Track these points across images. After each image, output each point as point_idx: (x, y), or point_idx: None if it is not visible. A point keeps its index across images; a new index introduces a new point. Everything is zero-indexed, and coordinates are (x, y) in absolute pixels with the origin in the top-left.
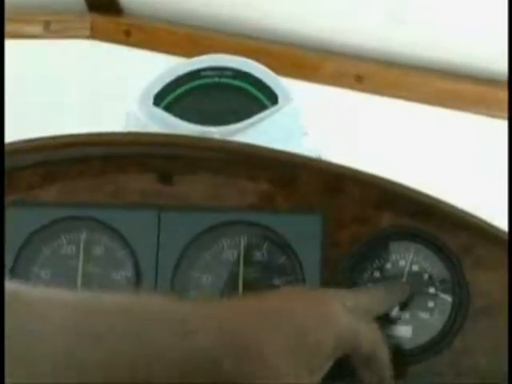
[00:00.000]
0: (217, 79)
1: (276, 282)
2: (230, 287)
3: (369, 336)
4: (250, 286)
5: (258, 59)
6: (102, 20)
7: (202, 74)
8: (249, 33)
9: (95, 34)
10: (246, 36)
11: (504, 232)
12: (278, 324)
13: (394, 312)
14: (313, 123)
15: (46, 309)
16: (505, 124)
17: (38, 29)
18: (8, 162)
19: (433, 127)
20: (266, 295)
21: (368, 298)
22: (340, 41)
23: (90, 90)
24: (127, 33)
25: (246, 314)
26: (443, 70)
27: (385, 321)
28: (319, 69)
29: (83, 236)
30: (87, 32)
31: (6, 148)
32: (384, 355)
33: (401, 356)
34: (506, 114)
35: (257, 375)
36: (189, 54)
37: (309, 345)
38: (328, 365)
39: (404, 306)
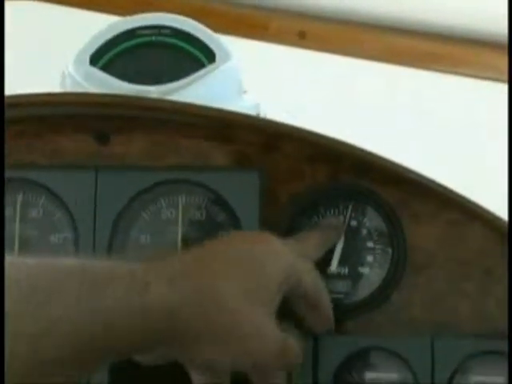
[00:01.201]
0: (154, 38)
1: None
2: (168, 246)
3: (312, 279)
4: (188, 245)
5: (200, 19)
6: None
7: (139, 32)
8: None
9: None
10: None
11: (442, 186)
12: (229, 264)
13: (333, 267)
14: (254, 81)
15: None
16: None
17: None
18: None
19: (376, 83)
20: (210, 242)
21: (305, 244)
22: None
23: (26, 49)
24: None
25: (197, 262)
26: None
27: (324, 276)
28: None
29: (19, 198)
30: None
31: None
32: (327, 297)
33: (340, 311)
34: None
35: (215, 320)
36: (128, 13)
37: (261, 279)
38: (278, 299)
39: (343, 261)
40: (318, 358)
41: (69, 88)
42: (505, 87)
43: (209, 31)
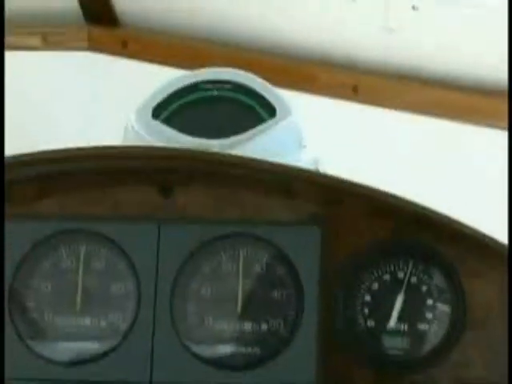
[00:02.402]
0: (215, 92)
1: (275, 294)
2: (228, 299)
3: None
4: (248, 298)
5: (254, 71)
6: (99, 31)
7: (201, 86)
8: (245, 44)
9: (93, 46)
10: (241, 47)
11: (497, 242)
12: None
13: (393, 323)
14: (311, 135)
15: None
16: (502, 133)
17: (36, 41)
18: (6, 176)
19: (429, 137)
20: None
21: None
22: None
23: (88, 101)
24: (124, 44)
25: None
26: (438, 80)
27: (384, 332)
28: (316, 80)
29: (83, 249)
30: (85, 44)
31: (5, 161)
32: None
33: (399, 368)
34: (501, 124)
35: None
36: (185, 64)
37: None
38: None
39: (402, 317)
40: None
41: (131, 141)
42: None
43: (268, 85)
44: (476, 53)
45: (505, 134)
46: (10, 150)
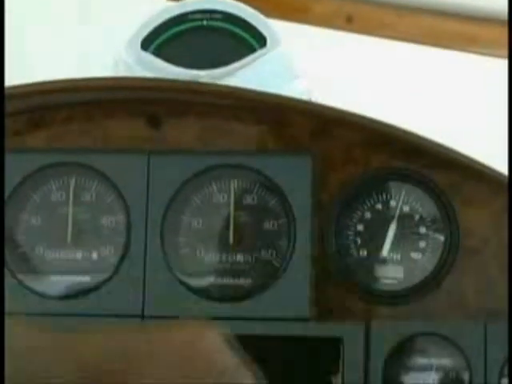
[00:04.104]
0: (205, 22)
1: (266, 225)
2: (220, 231)
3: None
4: (240, 230)
5: (245, 1)
6: None
7: (190, 17)
8: None
9: None
10: None
11: (494, 171)
12: (144, 369)
13: (385, 252)
14: (303, 66)
15: None
16: (500, 62)
17: None
18: None
19: (422, 66)
20: (134, 331)
21: None
22: None
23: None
24: None
25: (112, 354)
26: (433, 9)
27: (376, 261)
28: (309, 10)
29: (72, 182)
30: None
31: None
32: None
33: (392, 296)
34: (499, 52)
35: None
36: None
37: None
38: None
39: (395, 247)
40: (370, 344)
41: (121, 73)
42: None
43: (260, 15)
44: None
45: (502, 63)
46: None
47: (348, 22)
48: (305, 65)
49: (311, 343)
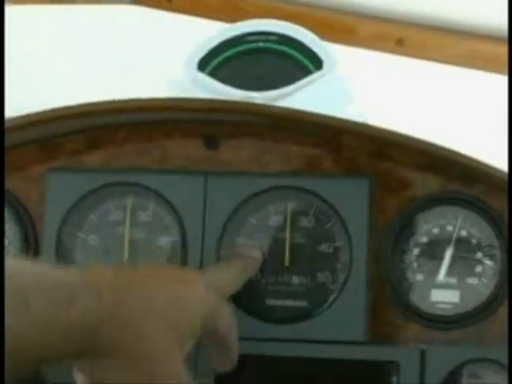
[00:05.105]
0: (261, 44)
1: (323, 247)
2: (276, 253)
3: (229, 321)
4: (296, 251)
5: (298, 23)
6: None
7: (247, 38)
8: None
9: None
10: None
11: None
12: (158, 296)
13: (442, 276)
14: (357, 88)
15: None
16: None
17: None
18: (52, 129)
19: (474, 90)
20: (145, 267)
21: (223, 280)
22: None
23: (133, 55)
24: None
25: (128, 284)
26: (485, 32)
27: (432, 286)
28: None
29: (129, 201)
30: None
31: (51, 114)
32: (235, 337)
33: (447, 321)
34: None
35: (129, 345)
36: (230, 18)
37: (183, 319)
38: (193, 342)
39: (451, 271)
40: (425, 368)
41: (177, 93)
42: None
43: (315, 37)
44: None
45: None
46: (55, 106)
47: (398, 45)
48: (357, 87)
49: (366, 367)
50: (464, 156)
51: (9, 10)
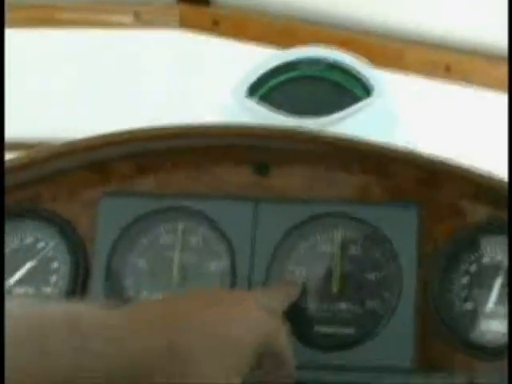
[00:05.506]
0: (311, 71)
1: (371, 275)
2: (324, 280)
3: (284, 339)
4: (344, 279)
5: (346, 48)
6: (190, 10)
7: (296, 65)
8: (336, 23)
9: (184, 24)
10: (332, 26)
11: None
12: (203, 330)
13: (491, 305)
14: (405, 115)
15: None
16: None
17: (128, 18)
18: (102, 154)
19: None
20: (190, 296)
21: (272, 298)
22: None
23: (178, 79)
24: (215, 22)
25: (175, 318)
26: None
27: (481, 315)
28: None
29: (180, 226)
30: (176, 22)
31: (100, 140)
32: (290, 355)
33: (497, 351)
34: None
35: (187, 379)
36: (276, 43)
37: (233, 348)
38: (250, 362)
39: (501, 301)
40: None
41: (226, 119)
42: None
43: (366, 65)
44: None
45: None
46: (99, 127)
47: (446, 71)
48: (405, 113)
49: None
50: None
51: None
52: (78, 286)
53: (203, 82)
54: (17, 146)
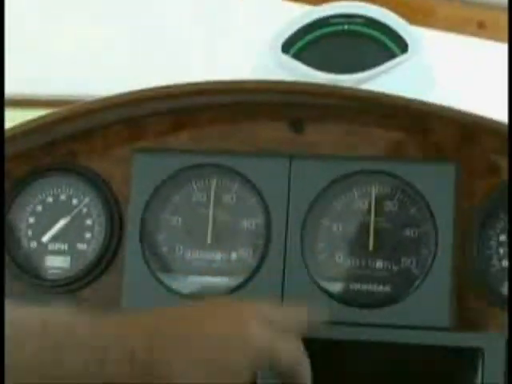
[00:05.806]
0: (346, 26)
1: (407, 232)
2: (360, 237)
3: (288, 352)
4: (380, 236)
5: (378, 5)
6: None
7: (332, 21)
8: None
9: None
10: None
11: None
12: (190, 347)
13: None
14: (442, 72)
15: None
16: None
17: None
18: (137, 110)
19: None
20: (179, 312)
21: (284, 314)
22: None
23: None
24: None
25: (159, 335)
26: None
27: None
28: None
29: (214, 183)
30: None
31: (137, 95)
32: (305, 372)
33: None
34: None
35: None
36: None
37: (224, 366)
38: (245, 381)
39: None
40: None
41: (261, 75)
42: None
43: (401, 20)
44: None
45: None
46: (139, 87)
47: (480, 28)
48: (439, 70)
49: (450, 353)
50: None
51: None
52: (112, 243)
53: (241, 38)
54: (55, 103)
